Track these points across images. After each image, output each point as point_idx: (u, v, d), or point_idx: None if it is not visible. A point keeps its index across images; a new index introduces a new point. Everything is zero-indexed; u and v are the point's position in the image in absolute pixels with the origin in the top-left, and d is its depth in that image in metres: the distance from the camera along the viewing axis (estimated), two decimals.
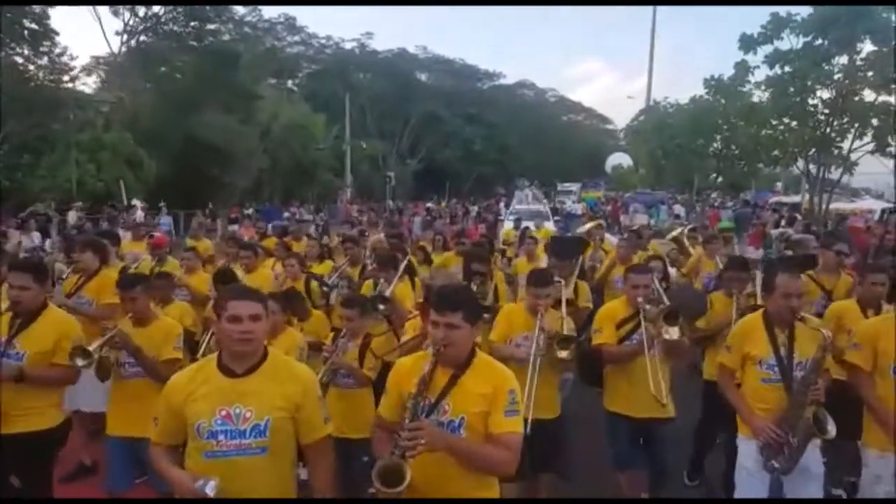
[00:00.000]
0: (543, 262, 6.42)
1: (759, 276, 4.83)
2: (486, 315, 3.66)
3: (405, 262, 5.52)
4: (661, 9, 35.45)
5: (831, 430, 3.09)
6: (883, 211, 25.55)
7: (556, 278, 4.27)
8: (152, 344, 3.61)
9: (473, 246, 7.26)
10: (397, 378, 2.53)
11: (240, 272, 5.98)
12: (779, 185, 40.00)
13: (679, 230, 8.77)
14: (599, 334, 3.92)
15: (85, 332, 3.63)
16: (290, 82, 46.76)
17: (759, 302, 4.32)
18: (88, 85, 26.20)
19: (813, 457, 3.25)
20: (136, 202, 19.70)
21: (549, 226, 16.94)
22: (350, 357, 3.86)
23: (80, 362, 3.41)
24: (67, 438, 3.64)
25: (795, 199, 25.46)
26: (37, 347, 3.37)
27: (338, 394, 3.78)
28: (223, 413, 2.28)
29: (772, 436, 3.16)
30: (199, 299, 5.73)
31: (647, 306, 3.78)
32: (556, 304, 4.01)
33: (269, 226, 21.29)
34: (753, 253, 12.36)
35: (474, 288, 4.52)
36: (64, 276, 5.13)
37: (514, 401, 2.38)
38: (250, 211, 24.52)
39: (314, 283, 5.99)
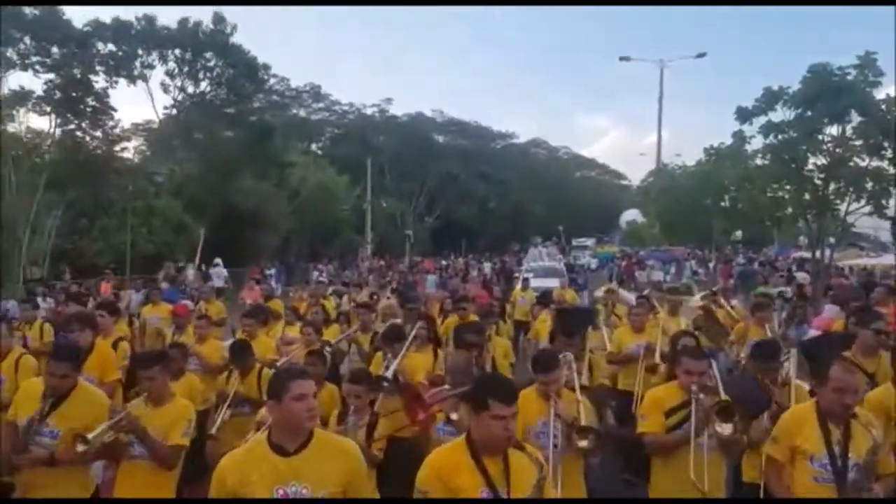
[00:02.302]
0: None
1: (793, 354, 4.29)
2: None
3: (418, 330, 5.37)
4: (668, 72, 36.93)
5: None
6: None
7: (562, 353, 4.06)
8: (162, 427, 3.44)
9: (479, 313, 7.04)
10: (438, 475, 2.47)
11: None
12: (802, 239, 39.90)
13: (700, 296, 7.99)
14: (645, 422, 3.57)
15: None
16: (314, 146, 49.36)
17: (793, 386, 3.96)
18: (128, 150, 28.60)
19: None
20: (218, 261, 20.89)
21: (565, 283, 16.95)
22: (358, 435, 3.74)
23: (80, 448, 3.29)
24: None
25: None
26: (70, 425, 3.35)
27: None
28: (280, 493, 2.33)
29: None
30: (208, 370, 5.54)
31: (702, 395, 3.43)
32: (571, 385, 3.79)
33: (278, 287, 22.07)
34: None
35: None
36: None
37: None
38: (272, 271, 25.54)
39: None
